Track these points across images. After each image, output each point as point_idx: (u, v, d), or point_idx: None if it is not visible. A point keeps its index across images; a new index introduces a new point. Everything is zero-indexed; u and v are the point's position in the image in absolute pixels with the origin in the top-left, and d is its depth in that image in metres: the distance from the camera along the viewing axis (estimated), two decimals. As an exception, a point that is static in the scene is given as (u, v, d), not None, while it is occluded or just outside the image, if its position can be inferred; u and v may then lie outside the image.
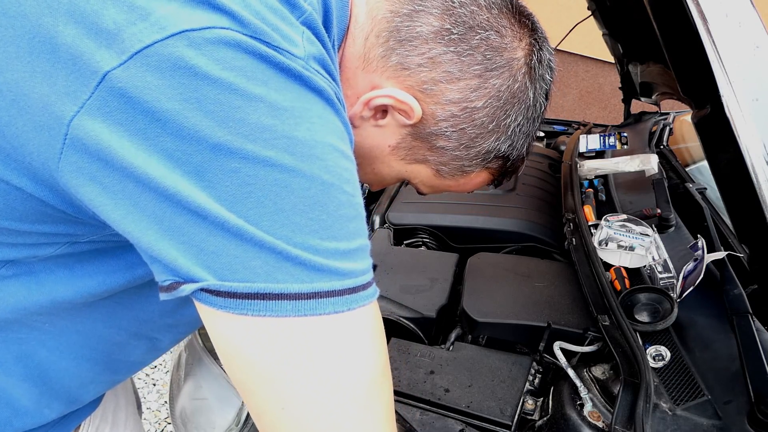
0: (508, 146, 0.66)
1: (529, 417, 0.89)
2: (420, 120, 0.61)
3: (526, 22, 0.62)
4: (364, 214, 0.49)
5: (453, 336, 1.08)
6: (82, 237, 0.52)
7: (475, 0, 0.59)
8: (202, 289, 0.43)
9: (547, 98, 0.66)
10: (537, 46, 0.62)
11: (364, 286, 0.47)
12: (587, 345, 0.96)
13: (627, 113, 1.99)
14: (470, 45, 0.58)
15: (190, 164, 0.41)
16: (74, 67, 0.40)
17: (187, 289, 0.43)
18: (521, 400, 0.90)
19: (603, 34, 1.75)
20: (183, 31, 0.41)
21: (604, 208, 1.32)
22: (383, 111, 0.61)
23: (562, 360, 0.91)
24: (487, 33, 0.59)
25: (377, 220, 1.48)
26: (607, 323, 0.93)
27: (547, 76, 0.65)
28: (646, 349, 0.86)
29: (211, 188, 0.41)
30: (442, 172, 0.68)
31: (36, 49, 0.41)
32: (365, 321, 0.47)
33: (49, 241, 0.51)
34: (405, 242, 1.43)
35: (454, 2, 0.58)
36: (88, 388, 0.68)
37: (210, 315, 0.45)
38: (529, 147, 0.69)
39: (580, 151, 1.60)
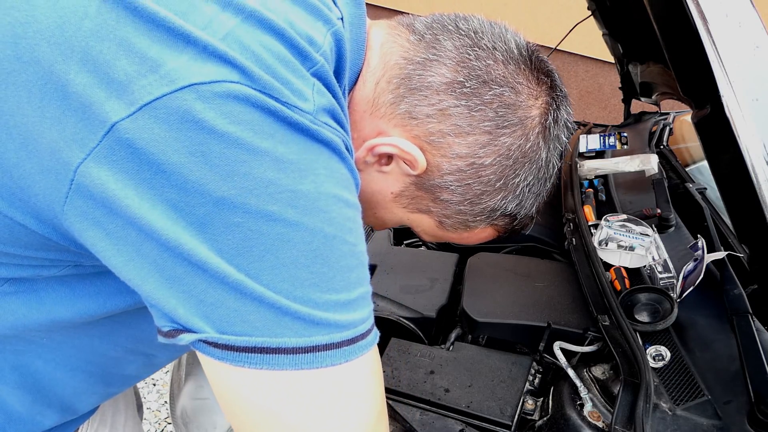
0: (516, 205, 0.64)
1: (529, 417, 0.89)
2: (425, 171, 0.60)
3: (544, 79, 0.60)
4: (366, 260, 0.49)
5: (453, 336, 1.08)
6: (86, 261, 0.52)
7: (493, 54, 0.57)
8: (200, 340, 0.44)
9: (561, 158, 0.64)
10: (554, 106, 0.61)
11: (363, 335, 0.47)
12: (587, 345, 0.96)
13: (627, 113, 1.99)
14: (482, 100, 0.57)
15: (193, 216, 0.41)
16: (84, 115, 0.41)
17: (186, 338, 0.44)
18: (521, 400, 0.90)
19: (603, 34, 1.74)
20: (192, 85, 0.41)
21: (604, 208, 1.32)
22: (388, 157, 0.60)
23: (562, 360, 0.91)
24: (501, 89, 0.57)
25: (377, 220, 1.47)
26: (607, 323, 0.93)
27: (562, 136, 0.63)
28: (646, 349, 0.86)
29: (213, 241, 0.42)
30: (445, 225, 0.66)
31: (47, 95, 0.41)
32: (362, 370, 0.48)
33: (53, 264, 0.52)
34: (405, 242, 1.43)
35: (470, 55, 0.57)
36: (81, 398, 0.68)
37: (209, 363, 0.45)
38: (539, 206, 0.68)
39: (580, 151, 1.60)
